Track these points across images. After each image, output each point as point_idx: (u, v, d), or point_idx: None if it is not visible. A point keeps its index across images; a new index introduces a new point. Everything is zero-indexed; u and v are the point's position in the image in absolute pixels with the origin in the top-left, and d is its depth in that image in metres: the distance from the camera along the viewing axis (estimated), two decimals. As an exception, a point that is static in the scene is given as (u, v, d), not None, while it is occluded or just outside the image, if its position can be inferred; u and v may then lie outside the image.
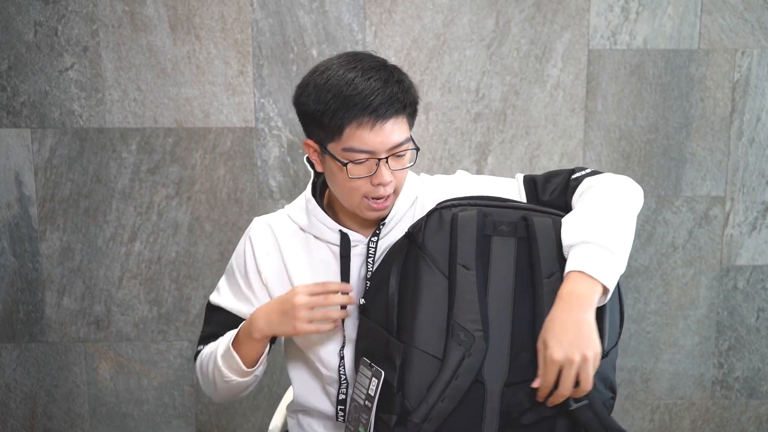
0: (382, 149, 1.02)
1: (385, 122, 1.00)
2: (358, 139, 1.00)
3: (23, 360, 1.93)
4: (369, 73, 1.01)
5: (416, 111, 1.09)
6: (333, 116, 1.00)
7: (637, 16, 1.79)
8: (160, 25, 1.77)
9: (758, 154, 1.87)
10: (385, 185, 1.03)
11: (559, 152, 1.85)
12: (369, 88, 1.00)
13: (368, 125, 1.00)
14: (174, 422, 1.96)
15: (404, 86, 1.04)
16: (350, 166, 1.02)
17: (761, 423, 2.00)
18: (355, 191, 1.04)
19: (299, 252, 1.14)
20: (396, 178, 1.05)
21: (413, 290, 0.99)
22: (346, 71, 1.01)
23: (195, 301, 1.90)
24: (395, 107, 1.01)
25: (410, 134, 1.07)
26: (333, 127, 1.01)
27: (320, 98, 1.01)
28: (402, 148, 1.04)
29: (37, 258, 1.87)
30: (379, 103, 0.99)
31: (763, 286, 1.93)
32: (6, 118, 1.81)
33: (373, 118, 0.99)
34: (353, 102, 0.99)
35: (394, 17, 1.78)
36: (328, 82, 1.01)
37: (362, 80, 1.00)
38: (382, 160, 1.02)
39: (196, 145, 1.83)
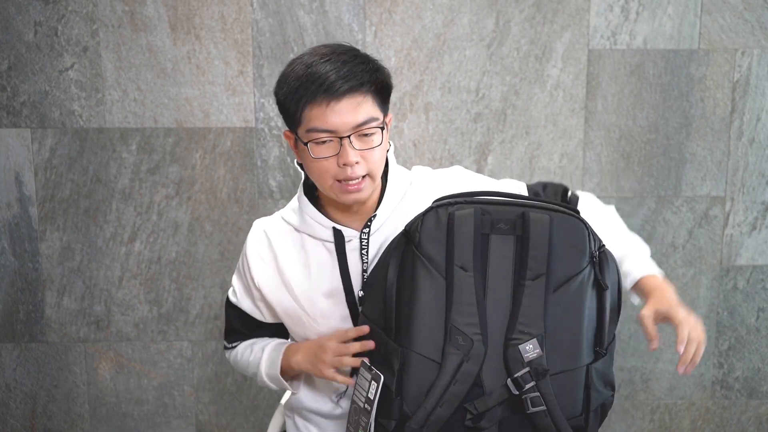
0: (344, 128, 1.01)
1: (340, 99, 1.00)
2: (317, 118, 1.01)
3: (23, 360, 1.93)
4: (329, 57, 1.03)
5: (384, 91, 1.06)
6: (292, 99, 1.03)
7: (637, 16, 1.79)
8: (160, 25, 1.77)
9: (758, 154, 1.87)
10: (351, 165, 1.02)
11: (559, 152, 1.85)
12: (325, 69, 1.00)
13: (324, 103, 1.00)
14: (174, 422, 1.96)
15: (367, 67, 1.03)
16: (311, 145, 1.03)
17: (761, 423, 2.00)
18: (325, 173, 1.04)
19: (294, 253, 1.14)
20: (365, 159, 1.03)
21: (410, 291, 0.97)
22: (309, 57, 1.04)
23: (195, 301, 1.90)
24: (350, 83, 1.00)
25: (381, 116, 1.06)
26: (294, 111, 1.03)
27: (284, 85, 1.05)
28: (366, 127, 1.02)
29: (37, 258, 1.87)
30: (333, 81, 0.99)
31: (763, 286, 1.93)
32: (6, 118, 1.81)
33: (327, 95, 1.00)
34: (308, 82, 1.00)
35: (394, 17, 1.78)
36: (292, 71, 1.04)
37: (321, 63, 1.02)
38: (344, 139, 1.01)
39: (196, 145, 1.83)
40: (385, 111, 1.08)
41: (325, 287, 1.12)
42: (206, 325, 1.91)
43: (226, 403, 1.95)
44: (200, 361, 1.93)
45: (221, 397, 1.95)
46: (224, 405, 1.95)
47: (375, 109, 1.04)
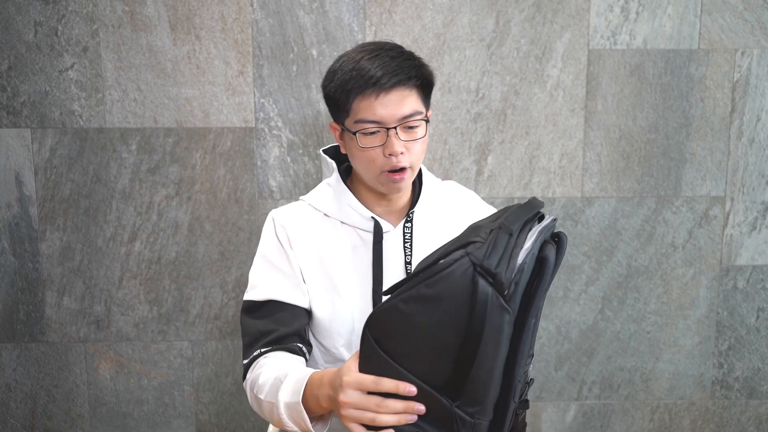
0: (391, 119, 1.07)
1: (389, 92, 1.06)
2: (366, 109, 1.07)
3: (23, 360, 1.93)
4: (378, 52, 1.08)
5: (428, 87, 1.13)
6: (342, 92, 1.08)
7: (637, 16, 1.79)
8: (160, 25, 1.77)
9: (758, 154, 1.87)
10: (397, 155, 1.08)
11: (559, 152, 1.85)
12: (375, 63, 1.07)
13: (373, 95, 1.06)
14: (174, 422, 1.96)
15: (414, 63, 1.10)
16: (359, 135, 1.08)
17: (761, 423, 2.00)
18: (372, 164, 1.10)
19: (328, 237, 1.18)
20: (409, 150, 1.09)
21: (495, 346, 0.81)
22: (358, 53, 1.10)
23: (195, 301, 1.90)
24: (399, 77, 1.06)
25: (424, 110, 1.12)
26: (344, 103, 1.08)
27: (334, 79, 1.10)
28: (412, 119, 1.08)
29: (37, 258, 1.87)
30: (382, 74, 1.06)
31: (763, 286, 1.93)
32: (6, 118, 1.81)
33: (377, 88, 1.06)
34: (359, 75, 1.06)
35: (394, 17, 1.78)
36: (341, 66, 1.10)
37: (369, 58, 1.07)
38: (391, 130, 1.07)
39: (196, 145, 1.83)
40: (427, 106, 1.14)
41: (358, 270, 1.17)
42: (206, 325, 1.91)
43: (226, 403, 1.95)
44: (200, 361, 1.93)
45: (221, 397, 1.95)
46: (224, 405, 1.95)
47: (419, 103, 1.10)
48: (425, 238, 1.18)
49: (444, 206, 1.23)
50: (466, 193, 1.29)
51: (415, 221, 1.18)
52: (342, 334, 1.16)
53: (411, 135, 1.09)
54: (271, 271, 1.17)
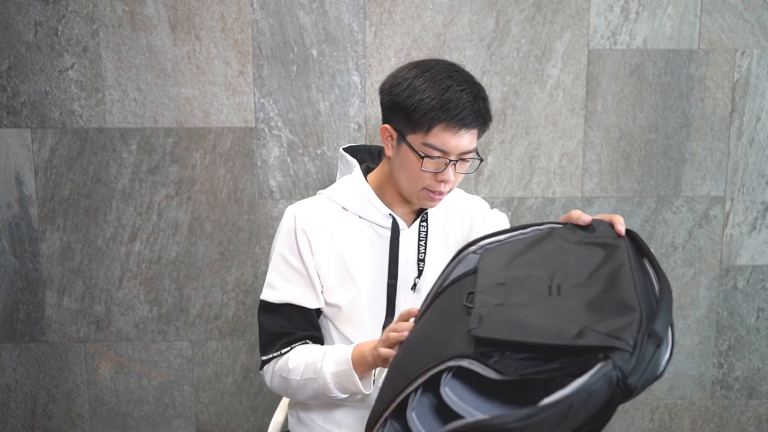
0: (455, 152, 1.15)
1: (467, 131, 1.14)
2: (441, 139, 1.13)
3: (23, 360, 1.93)
4: (462, 85, 1.13)
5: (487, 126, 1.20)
6: (426, 114, 1.12)
7: (637, 17, 1.79)
8: (160, 25, 1.77)
9: (758, 154, 1.87)
10: (447, 183, 1.16)
11: (559, 152, 1.85)
12: (463, 99, 1.12)
13: (453, 130, 1.12)
14: (174, 422, 1.96)
15: (487, 104, 1.17)
16: (426, 160, 1.14)
17: (761, 423, 2.00)
18: (420, 181, 1.17)
19: (346, 230, 1.24)
20: (456, 179, 1.18)
21: None
22: (444, 78, 1.13)
23: (195, 301, 1.90)
24: (479, 121, 1.14)
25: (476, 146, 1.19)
26: (422, 123, 1.12)
27: (417, 95, 1.13)
28: (469, 155, 1.17)
29: (37, 258, 1.87)
30: (467, 114, 1.12)
31: (763, 286, 1.93)
32: (6, 118, 1.81)
33: (459, 125, 1.12)
34: (447, 107, 1.11)
35: (394, 17, 1.78)
36: (427, 83, 1.13)
37: (458, 89, 1.12)
38: (451, 162, 1.15)
39: (196, 145, 1.83)
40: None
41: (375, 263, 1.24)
42: (206, 325, 1.91)
43: (226, 403, 1.95)
44: (200, 361, 1.93)
45: (221, 397, 1.95)
46: (224, 405, 1.95)
47: (476, 140, 1.18)
48: (438, 238, 1.28)
49: (455, 209, 1.32)
50: (473, 198, 1.38)
51: (430, 221, 1.27)
52: (357, 323, 1.23)
53: (463, 167, 1.18)
54: (288, 272, 1.23)
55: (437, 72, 1.15)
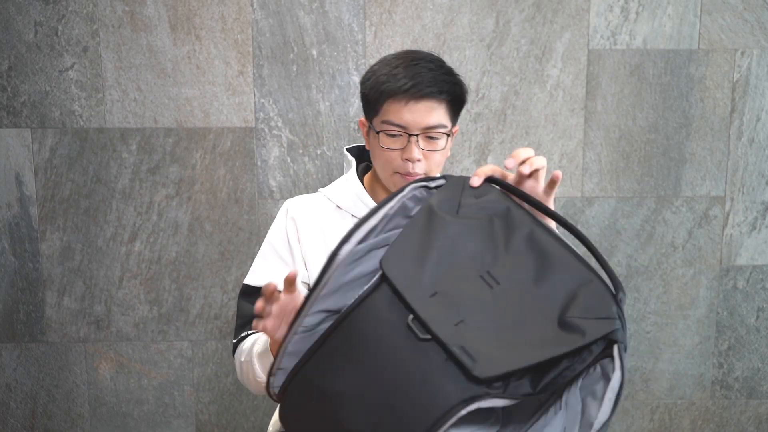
0: (415, 127, 1.11)
1: (418, 101, 1.10)
2: (393, 113, 1.11)
3: (23, 360, 1.93)
4: (417, 62, 1.12)
5: (458, 104, 1.16)
6: (376, 92, 1.12)
7: (636, 17, 1.79)
8: (160, 25, 1.77)
9: (758, 154, 1.87)
10: (413, 161, 1.12)
11: (559, 152, 1.85)
12: (412, 71, 1.10)
13: (403, 101, 1.10)
14: (174, 422, 1.96)
15: (450, 78, 1.13)
16: (382, 135, 1.13)
17: (761, 423, 2.00)
18: (388, 164, 1.15)
19: (337, 228, 1.23)
20: (427, 159, 1.13)
21: None
22: (398, 58, 1.14)
23: (195, 301, 1.90)
24: (430, 89, 1.09)
25: (450, 124, 1.15)
26: (375, 102, 1.13)
27: (371, 79, 1.14)
28: (434, 131, 1.12)
29: (38, 258, 1.87)
30: (416, 83, 1.09)
31: (762, 286, 1.93)
32: (6, 118, 1.81)
33: (407, 95, 1.09)
34: (394, 80, 1.10)
35: (394, 17, 1.78)
36: (380, 67, 1.14)
37: (410, 64, 1.11)
38: (413, 137, 1.11)
39: (196, 145, 1.83)
40: (454, 122, 1.18)
41: None
42: (206, 325, 1.91)
43: (226, 403, 1.95)
44: (200, 361, 1.93)
45: (221, 397, 1.95)
46: (224, 405, 1.95)
47: (446, 117, 1.14)
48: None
49: None
50: None
51: None
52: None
53: (431, 145, 1.14)
54: (273, 259, 1.22)
55: (398, 56, 1.14)
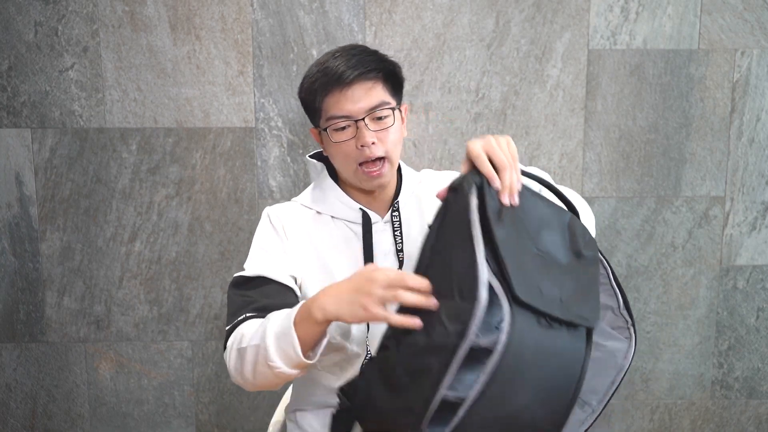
0: (359, 112, 1.11)
1: (352, 85, 1.10)
2: (333, 106, 1.11)
3: (23, 360, 1.93)
4: (339, 53, 1.13)
5: (394, 79, 1.16)
6: (310, 93, 1.13)
7: (636, 17, 1.79)
8: (160, 25, 1.77)
9: (758, 154, 1.87)
10: (369, 146, 1.11)
11: (559, 152, 1.85)
12: (336, 62, 1.11)
13: (337, 91, 1.10)
14: (174, 422, 1.96)
15: (375, 57, 1.13)
16: (331, 131, 1.13)
17: (761, 423, 2.00)
18: (347, 158, 1.14)
19: (321, 232, 1.21)
20: (381, 140, 1.13)
21: None
22: (323, 57, 1.15)
23: (195, 301, 1.90)
24: (359, 70, 1.10)
25: (393, 101, 1.15)
26: (314, 103, 1.14)
27: (304, 85, 1.16)
28: (379, 110, 1.12)
29: (38, 258, 1.87)
30: (343, 70, 1.09)
31: (762, 286, 1.93)
32: (6, 118, 1.81)
33: (339, 83, 1.10)
34: (323, 75, 1.11)
35: (394, 17, 1.78)
36: (309, 72, 1.15)
37: (332, 59, 1.12)
38: (360, 122, 1.11)
39: (196, 145, 1.83)
40: (398, 99, 1.17)
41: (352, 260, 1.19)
42: (206, 325, 1.91)
43: (226, 403, 1.95)
44: (200, 361, 1.93)
45: (221, 397, 1.95)
46: (224, 405, 1.95)
47: (386, 94, 1.13)
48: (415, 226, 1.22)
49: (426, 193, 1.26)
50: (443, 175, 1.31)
51: (402, 210, 1.22)
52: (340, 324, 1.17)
53: (381, 125, 1.13)
54: (263, 253, 1.19)
55: (322, 57, 1.15)
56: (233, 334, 1.05)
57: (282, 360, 0.95)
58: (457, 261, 0.79)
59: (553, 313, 0.81)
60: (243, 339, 1.01)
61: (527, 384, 0.79)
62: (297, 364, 0.95)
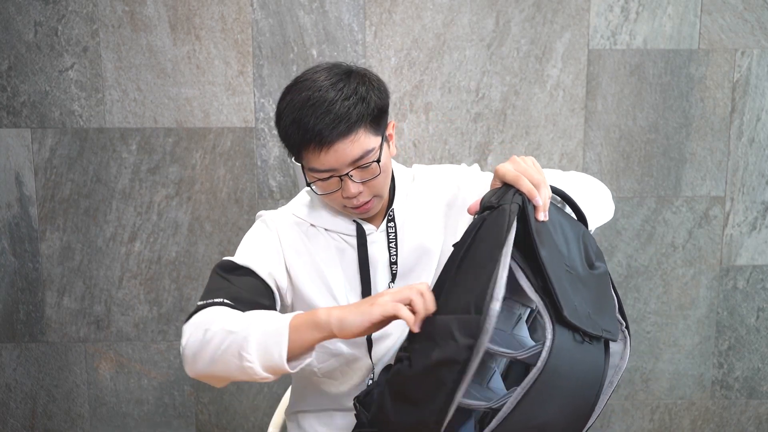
0: (341, 166, 1.03)
1: (332, 145, 1.01)
2: (315, 161, 1.03)
3: (23, 360, 1.93)
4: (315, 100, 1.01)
5: (379, 116, 1.05)
6: (290, 142, 1.05)
7: (637, 16, 1.79)
8: (160, 25, 1.77)
9: (758, 154, 1.87)
10: (355, 197, 1.06)
11: (559, 152, 1.85)
12: (313, 117, 1.00)
13: (317, 150, 1.02)
14: (174, 422, 1.96)
15: (358, 98, 1.02)
16: (316, 184, 1.06)
17: (761, 423, 2.00)
18: (335, 203, 1.10)
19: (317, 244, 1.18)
20: (368, 187, 1.06)
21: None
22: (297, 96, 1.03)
23: (195, 301, 1.90)
24: (339, 129, 1.00)
25: (377, 142, 1.05)
26: (293, 151, 1.06)
27: (280, 125, 1.05)
28: (363, 161, 1.03)
29: (37, 258, 1.87)
30: (320, 129, 1.00)
31: (762, 286, 1.93)
32: (6, 118, 1.81)
33: (318, 145, 1.01)
34: (301, 131, 1.01)
35: (394, 17, 1.78)
36: (285, 109, 1.04)
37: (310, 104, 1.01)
38: (344, 177, 1.04)
39: (196, 145, 1.83)
40: (382, 130, 1.08)
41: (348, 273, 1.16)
42: (206, 325, 1.91)
43: (226, 403, 1.95)
44: (200, 361, 1.93)
45: (221, 397, 1.95)
46: (224, 405, 1.95)
47: (369, 140, 1.04)
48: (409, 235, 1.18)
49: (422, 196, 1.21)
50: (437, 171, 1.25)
51: (397, 219, 1.18)
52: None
53: (366, 174, 1.05)
54: (257, 247, 1.14)
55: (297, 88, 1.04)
56: (203, 311, 1.00)
57: (259, 357, 0.90)
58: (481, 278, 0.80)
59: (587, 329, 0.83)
60: (215, 321, 0.95)
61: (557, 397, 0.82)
62: (273, 368, 0.90)
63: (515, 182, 0.87)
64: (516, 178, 0.87)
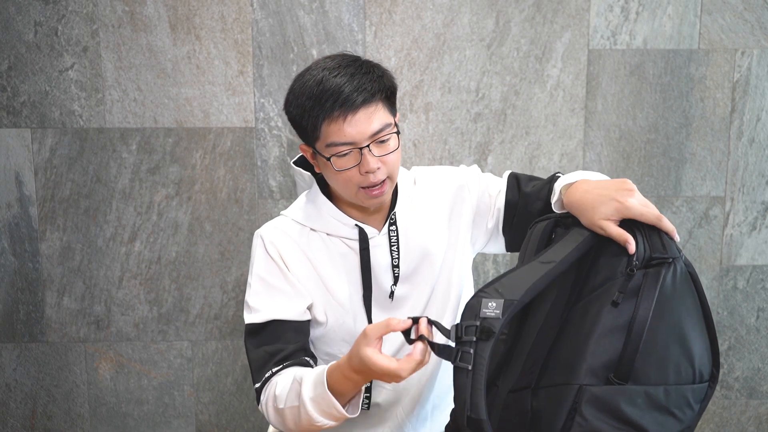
0: (362, 138, 1.05)
1: (356, 112, 1.04)
2: (336, 133, 1.05)
3: (23, 360, 1.93)
4: (336, 71, 1.05)
5: (392, 95, 1.11)
6: (309, 117, 1.06)
7: (637, 16, 1.79)
8: (160, 25, 1.77)
9: (758, 154, 1.87)
10: (374, 172, 1.07)
11: (559, 152, 1.85)
12: (336, 84, 1.04)
13: (341, 118, 1.04)
14: (174, 422, 1.96)
15: (373, 75, 1.07)
16: (334, 159, 1.07)
17: (761, 423, 2.00)
18: (349, 182, 1.08)
19: (318, 249, 1.18)
20: (385, 163, 1.08)
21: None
22: (317, 72, 1.06)
23: (195, 301, 1.90)
24: (363, 96, 1.04)
25: (393, 120, 1.10)
26: (312, 128, 1.06)
27: (297, 103, 1.07)
28: (382, 134, 1.07)
29: (37, 258, 1.87)
30: (346, 96, 1.03)
31: (763, 286, 1.93)
32: (6, 118, 1.81)
33: (343, 110, 1.03)
34: (323, 99, 1.03)
35: (394, 17, 1.78)
36: (303, 87, 1.07)
37: (330, 77, 1.04)
38: (364, 149, 1.05)
39: (196, 145, 1.83)
40: (394, 112, 1.12)
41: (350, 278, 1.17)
42: (206, 325, 1.91)
43: (226, 403, 1.95)
44: (200, 361, 1.93)
45: (221, 397, 1.95)
46: (224, 405, 1.95)
47: (387, 115, 1.08)
48: (411, 238, 1.19)
49: (423, 199, 1.23)
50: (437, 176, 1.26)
51: (399, 222, 1.18)
52: (346, 340, 1.17)
53: (384, 149, 1.08)
54: (268, 290, 1.15)
55: (312, 70, 1.07)
56: (264, 392, 1.09)
57: (326, 418, 1.02)
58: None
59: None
60: (278, 400, 1.06)
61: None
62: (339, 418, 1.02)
63: (660, 222, 0.95)
64: (660, 218, 0.96)
